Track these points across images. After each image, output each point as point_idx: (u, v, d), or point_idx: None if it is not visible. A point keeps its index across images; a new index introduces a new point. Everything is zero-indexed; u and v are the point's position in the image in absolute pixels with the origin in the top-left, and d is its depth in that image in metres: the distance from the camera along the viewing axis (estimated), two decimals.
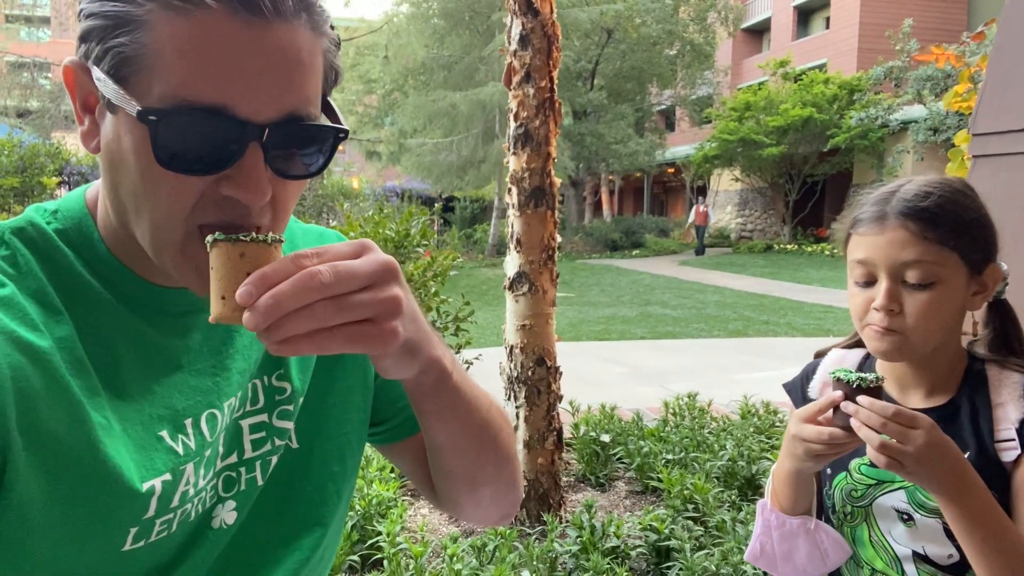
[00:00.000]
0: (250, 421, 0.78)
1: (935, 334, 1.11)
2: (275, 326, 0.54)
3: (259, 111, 0.61)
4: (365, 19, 23.37)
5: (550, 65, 3.25)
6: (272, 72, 0.61)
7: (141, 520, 0.67)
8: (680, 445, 3.85)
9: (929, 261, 1.08)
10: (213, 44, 0.59)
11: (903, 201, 1.11)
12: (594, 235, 23.83)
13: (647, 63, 24.31)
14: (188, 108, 0.59)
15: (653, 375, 7.08)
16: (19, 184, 11.60)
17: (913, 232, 1.09)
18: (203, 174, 0.62)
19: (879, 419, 1.01)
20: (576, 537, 2.79)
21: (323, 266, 0.56)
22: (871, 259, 1.12)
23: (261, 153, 0.62)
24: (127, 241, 0.69)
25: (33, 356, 0.61)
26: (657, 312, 11.50)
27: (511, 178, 3.30)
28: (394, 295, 0.59)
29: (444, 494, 0.89)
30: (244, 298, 0.54)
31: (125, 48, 0.60)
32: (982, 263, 1.12)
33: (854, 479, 1.22)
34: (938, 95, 17.85)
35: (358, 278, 0.57)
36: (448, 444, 0.79)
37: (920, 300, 1.09)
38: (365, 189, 19.34)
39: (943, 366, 1.17)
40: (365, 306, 0.58)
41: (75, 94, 0.67)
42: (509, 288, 3.27)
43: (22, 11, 26.79)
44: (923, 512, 1.13)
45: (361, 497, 2.98)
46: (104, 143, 0.65)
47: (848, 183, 21.30)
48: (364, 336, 0.58)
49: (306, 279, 0.55)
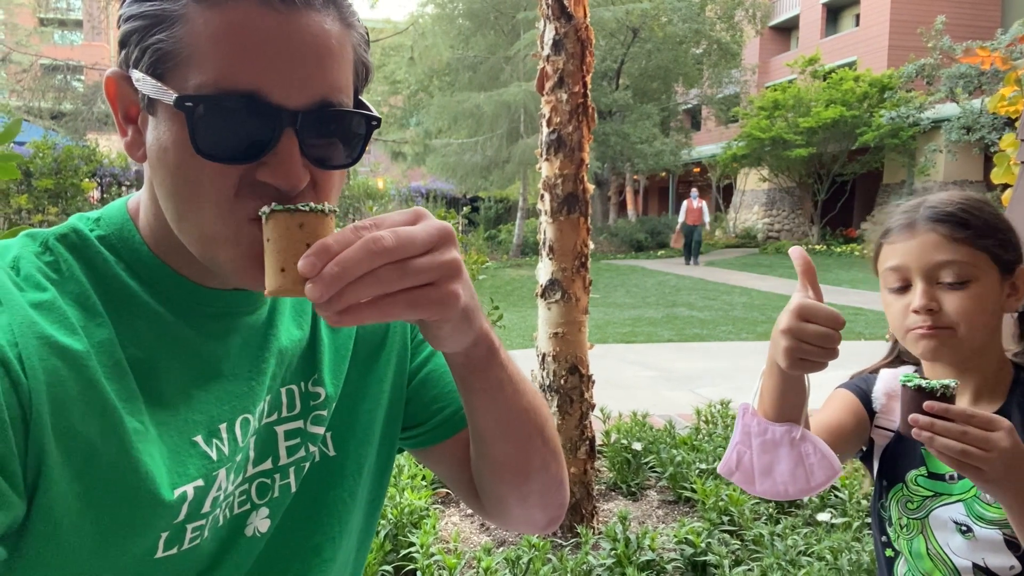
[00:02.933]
0: (285, 427, 0.78)
1: (978, 331, 1.12)
2: (339, 295, 0.54)
3: (291, 97, 0.62)
4: (391, 20, 23.46)
5: (583, 70, 3.22)
6: (303, 59, 0.62)
7: (172, 525, 0.66)
8: (714, 454, 3.79)
9: (962, 260, 1.11)
10: (245, 33, 0.60)
11: (930, 208, 1.15)
12: (619, 235, 23.69)
13: (673, 62, 24.11)
14: (223, 95, 0.61)
15: (682, 379, 7.01)
16: (53, 186, 11.78)
17: (943, 235, 1.12)
18: (240, 162, 0.63)
19: (959, 428, 0.95)
20: (610, 550, 2.75)
21: (384, 231, 0.56)
22: (904, 264, 1.15)
23: (296, 139, 0.63)
24: (170, 243, 0.70)
25: (69, 360, 0.62)
26: (684, 314, 11.40)
27: (543, 184, 3.27)
28: (454, 258, 0.60)
29: (490, 492, 0.87)
30: (308, 269, 0.54)
31: (163, 44, 0.62)
32: (1013, 264, 1.15)
33: (910, 490, 1.20)
34: (971, 93, 17.49)
35: (419, 243, 0.57)
36: (497, 429, 0.78)
37: (959, 297, 1.11)
38: (391, 190, 19.39)
39: (988, 370, 1.17)
40: (427, 270, 0.58)
41: (116, 106, 0.68)
42: (541, 295, 3.24)
43: (56, 15, 27.29)
44: (982, 523, 1.11)
45: (393, 506, 2.97)
46: (148, 148, 0.67)
47: (878, 183, 20.96)
48: (426, 300, 0.58)
49: (370, 243, 0.55)
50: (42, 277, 0.65)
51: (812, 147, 20.19)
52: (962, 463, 0.95)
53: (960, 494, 1.14)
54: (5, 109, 14.82)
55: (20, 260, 0.66)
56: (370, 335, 0.88)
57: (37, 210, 11.74)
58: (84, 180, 11.87)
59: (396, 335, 0.90)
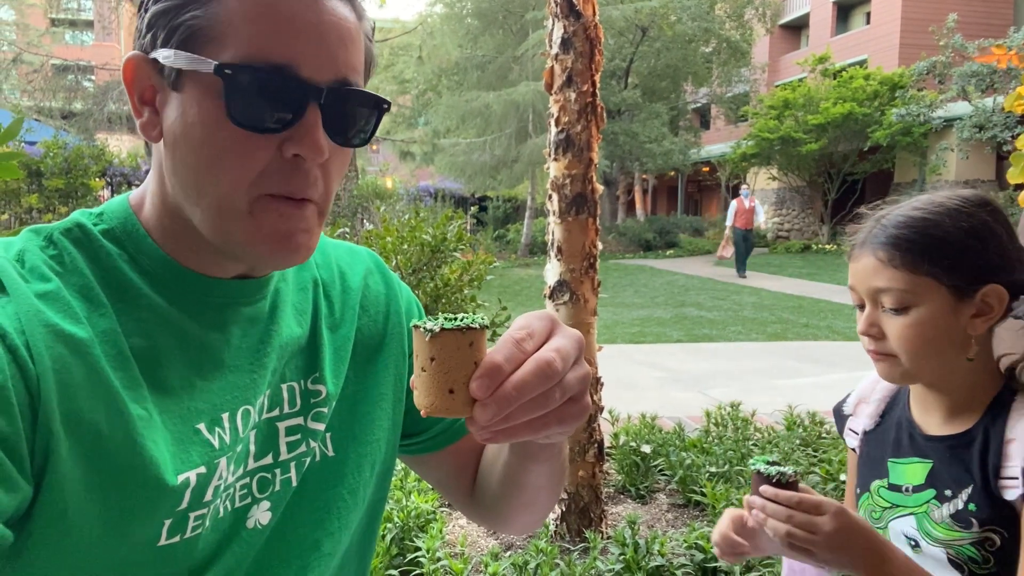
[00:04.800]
0: (287, 424, 0.80)
1: (924, 358, 1.11)
2: (507, 416, 0.56)
3: (319, 72, 0.66)
4: (400, 19, 23.49)
5: (592, 69, 3.18)
6: (329, 38, 0.67)
7: (175, 512, 0.68)
8: (724, 458, 3.75)
9: (899, 288, 1.10)
10: (279, 11, 0.65)
11: (881, 228, 1.14)
12: (628, 235, 23.63)
13: (682, 61, 24.01)
14: (259, 66, 0.64)
15: (691, 380, 6.96)
16: (64, 186, 11.84)
17: (881, 260, 1.12)
18: (269, 132, 0.66)
19: (785, 511, 1.05)
20: (619, 555, 2.72)
21: (552, 353, 0.57)
22: (853, 286, 1.17)
23: (319, 114, 0.67)
24: (176, 232, 0.72)
25: (74, 347, 0.63)
26: (693, 314, 11.34)
27: (552, 184, 3.23)
28: (588, 371, 0.62)
29: (496, 509, 0.91)
30: (483, 391, 0.55)
31: (198, 19, 0.65)
32: (969, 286, 1.09)
33: (874, 500, 1.24)
34: (983, 91, 17.33)
35: (571, 360, 0.59)
36: (539, 482, 0.82)
37: (897, 324, 1.11)
38: (399, 189, 19.40)
39: (961, 390, 1.15)
40: (574, 386, 0.59)
41: (132, 88, 0.71)
42: (549, 297, 3.20)
43: (67, 15, 27.43)
44: (928, 540, 1.13)
45: (400, 510, 2.95)
46: (167, 126, 0.69)
47: (889, 182, 20.80)
48: (571, 416, 0.60)
49: (545, 367, 0.56)
50: (47, 269, 0.67)
51: (822, 141, 20.03)
52: (792, 544, 1.03)
53: (913, 507, 1.17)
54: (16, 109, 14.89)
55: (25, 253, 0.68)
56: (367, 339, 0.89)
57: (48, 209, 11.80)
58: (94, 179, 11.92)
59: (393, 342, 0.91)
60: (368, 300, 0.91)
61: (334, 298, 0.88)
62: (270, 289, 0.80)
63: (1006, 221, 1.13)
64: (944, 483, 1.13)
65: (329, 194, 0.72)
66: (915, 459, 1.19)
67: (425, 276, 4.60)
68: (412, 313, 0.95)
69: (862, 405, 1.34)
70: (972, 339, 1.11)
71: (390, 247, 4.54)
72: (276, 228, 0.67)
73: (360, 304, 0.89)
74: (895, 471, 1.22)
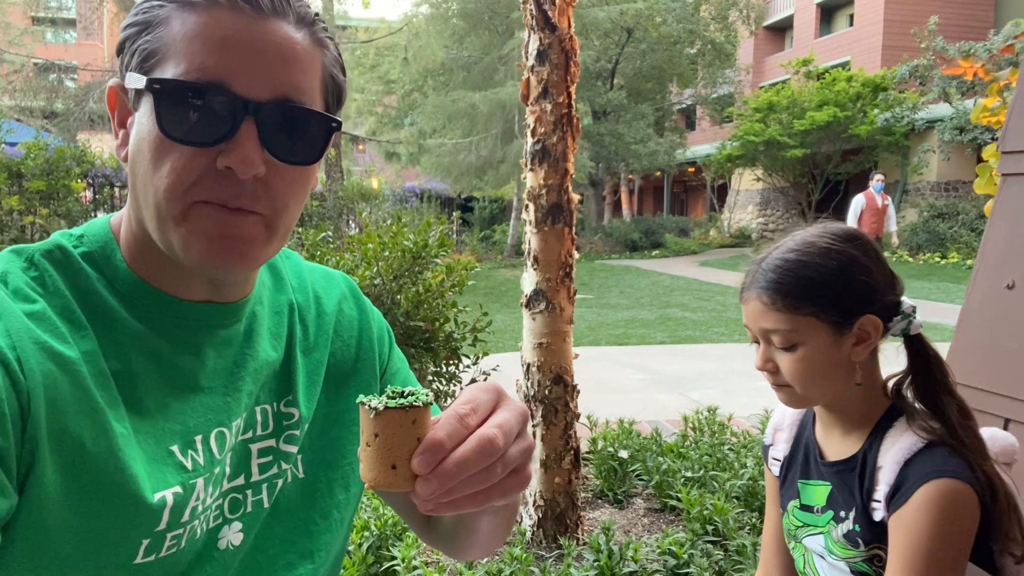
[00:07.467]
0: (259, 445, 0.81)
1: (815, 387, 1.21)
2: (449, 491, 0.57)
3: (253, 89, 0.68)
4: (385, 20, 23.41)
5: (568, 81, 3.21)
6: (267, 56, 0.68)
7: (153, 532, 0.69)
8: (699, 462, 3.79)
9: (784, 329, 1.19)
10: (216, 30, 0.67)
11: (763, 272, 1.22)
12: (613, 235, 23.69)
13: (667, 62, 24.10)
14: (190, 82, 0.66)
15: (673, 382, 7.01)
16: (45, 187, 11.70)
17: (766, 303, 1.21)
18: (202, 145, 0.67)
19: None
20: (593, 561, 2.75)
21: (495, 430, 0.59)
22: (747, 325, 1.26)
23: (255, 129, 0.68)
24: (142, 251, 0.74)
25: (62, 365, 0.65)
26: (677, 315, 11.41)
27: (528, 194, 3.26)
28: (531, 443, 0.64)
29: (452, 546, 0.94)
30: (424, 467, 0.56)
31: (149, 44, 0.69)
32: (847, 318, 1.18)
33: (790, 519, 1.34)
34: (964, 94, 17.52)
35: (515, 434, 0.61)
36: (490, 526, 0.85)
37: (788, 360, 1.20)
38: (385, 190, 19.34)
39: (854, 412, 1.24)
40: (517, 459, 0.61)
41: (114, 113, 0.75)
42: (526, 306, 3.24)
43: (48, 14, 27.15)
44: (832, 557, 1.23)
45: (376, 518, 2.97)
46: (130, 146, 0.72)
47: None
48: (512, 487, 0.62)
49: (486, 445, 0.57)
50: (30, 291, 0.69)
51: (806, 148, 20.20)
52: None
53: (822, 527, 1.26)
54: None
55: (8, 275, 0.70)
56: (340, 364, 0.90)
57: (29, 211, 11.67)
58: (75, 181, 11.79)
59: (365, 368, 0.93)
60: (342, 325, 0.92)
61: (309, 322, 0.89)
62: (246, 312, 0.81)
63: (874, 250, 1.22)
64: (839, 505, 1.24)
65: (280, 209, 0.72)
66: (819, 482, 1.29)
67: (407, 282, 4.61)
68: (384, 340, 0.97)
69: (778, 433, 1.43)
70: (856, 365, 1.21)
71: (371, 253, 4.55)
72: (207, 230, 0.68)
73: (334, 329, 0.91)
74: (805, 492, 1.31)
